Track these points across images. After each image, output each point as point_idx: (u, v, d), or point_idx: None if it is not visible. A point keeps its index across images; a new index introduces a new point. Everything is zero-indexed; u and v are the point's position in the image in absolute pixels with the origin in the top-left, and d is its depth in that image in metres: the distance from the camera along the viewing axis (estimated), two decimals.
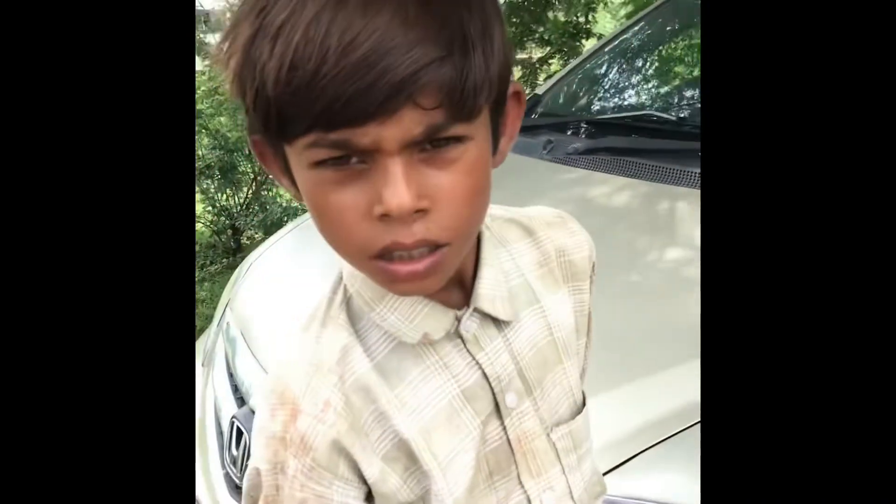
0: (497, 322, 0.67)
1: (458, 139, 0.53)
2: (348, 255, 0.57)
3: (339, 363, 0.63)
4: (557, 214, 0.76)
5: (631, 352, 1.14)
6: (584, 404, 0.74)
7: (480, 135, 0.55)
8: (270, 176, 0.63)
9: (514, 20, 5.20)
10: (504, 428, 0.68)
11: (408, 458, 0.64)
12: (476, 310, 0.65)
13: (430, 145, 0.52)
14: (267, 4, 0.51)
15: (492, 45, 0.53)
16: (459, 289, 0.66)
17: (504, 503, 0.69)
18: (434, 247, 0.55)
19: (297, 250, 1.96)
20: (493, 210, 0.72)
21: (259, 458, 0.63)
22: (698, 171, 1.64)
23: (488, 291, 0.65)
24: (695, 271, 1.40)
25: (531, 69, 5.51)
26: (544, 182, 1.86)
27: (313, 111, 0.49)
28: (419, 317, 0.63)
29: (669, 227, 1.54)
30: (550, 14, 5.40)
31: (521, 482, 0.69)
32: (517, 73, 5.46)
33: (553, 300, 0.72)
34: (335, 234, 0.55)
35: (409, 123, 0.50)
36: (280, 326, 1.53)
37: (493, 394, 0.67)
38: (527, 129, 2.07)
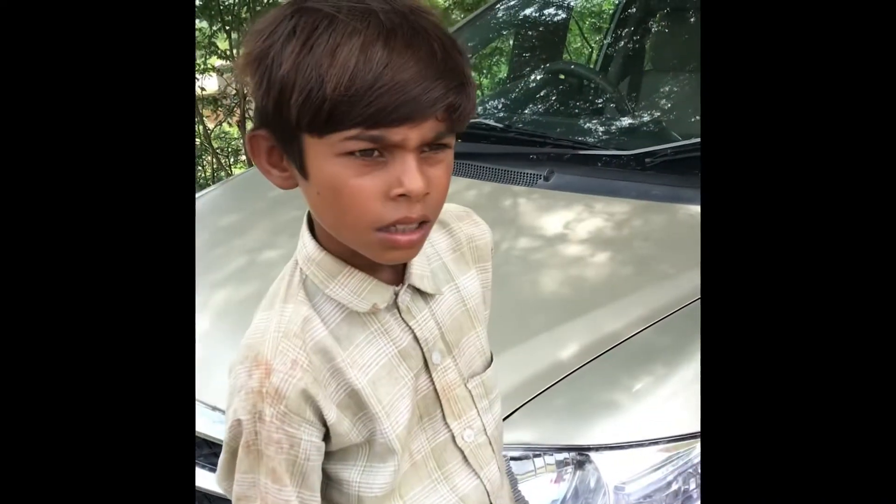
0: (424, 295, 0.83)
1: (447, 146, 0.73)
2: (357, 227, 0.72)
3: (301, 330, 0.77)
4: (463, 209, 0.94)
5: (499, 327, 1.33)
6: (491, 360, 0.92)
7: (452, 147, 0.74)
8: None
9: None
10: (431, 380, 0.84)
11: (357, 405, 0.78)
12: (409, 286, 0.81)
13: (429, 148, 0.71)
14: (313, 31, 0.67)
15: (472, 84, 0.73)
16: (393, 270, 0.81)
17: (433, 440, 0.85)
18: (423, 223, 0.73)
19: None
20: None
21: (240, 411, 0.75)
22: (529, 171, 1.88)
23: (418, 271, 0.82)
24: (541, 256, 1.63)
25: None
26: None
27: (366, 112, 0.66)
28: (365, 291, 0.78)
29: (515, 220, 1.75)
30: None
31: (446, 423, 0.86)
32: None
33: (465, 278, 0.89)
34: (350, 209, 0.71)
35: (427, 129, 0.69)
36: None
37: (423, 353, 0.83)
38: None
